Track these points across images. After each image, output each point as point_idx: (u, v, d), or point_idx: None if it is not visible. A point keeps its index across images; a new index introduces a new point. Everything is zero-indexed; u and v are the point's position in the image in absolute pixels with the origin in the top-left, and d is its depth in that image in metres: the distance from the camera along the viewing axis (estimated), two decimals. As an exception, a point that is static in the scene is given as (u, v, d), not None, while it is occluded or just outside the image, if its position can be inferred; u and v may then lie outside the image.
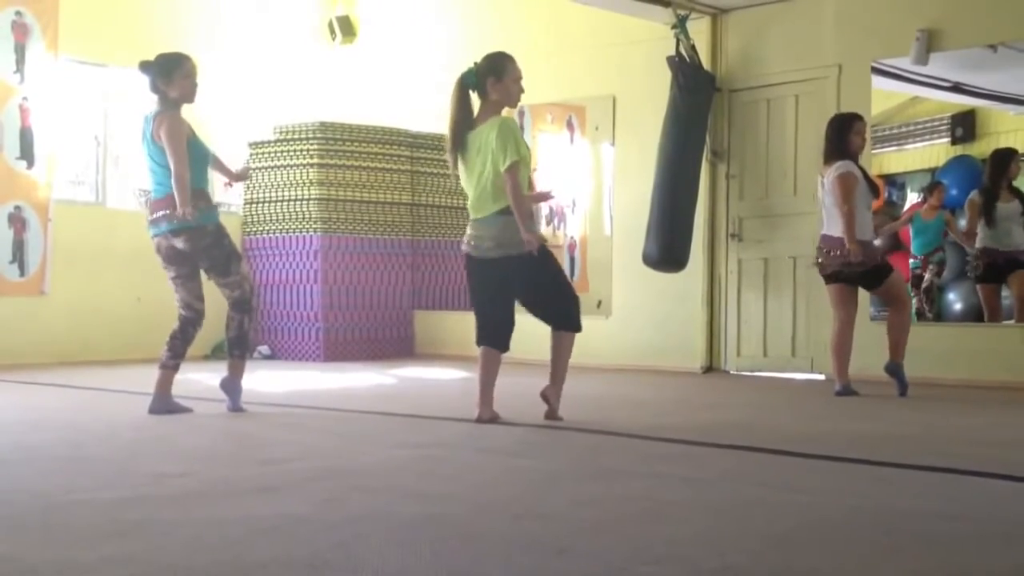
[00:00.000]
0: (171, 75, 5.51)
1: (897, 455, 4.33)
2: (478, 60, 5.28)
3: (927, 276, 9.81)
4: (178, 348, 5.60)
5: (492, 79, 5.21)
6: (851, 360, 6.76)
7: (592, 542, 2.87)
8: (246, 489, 3.62)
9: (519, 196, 5.07)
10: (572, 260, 9.59)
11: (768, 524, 3.11)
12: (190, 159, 5.48)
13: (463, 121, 5.24)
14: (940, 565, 2.68)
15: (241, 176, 6.35)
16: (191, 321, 5.62)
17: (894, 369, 6.73)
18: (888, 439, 4.93)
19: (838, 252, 6.65)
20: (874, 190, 6.78)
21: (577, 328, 5.39)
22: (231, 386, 5.72)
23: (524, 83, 5.30)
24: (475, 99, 5.31)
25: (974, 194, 8.58)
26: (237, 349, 5.70)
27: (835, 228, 6.67)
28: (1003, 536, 2.98)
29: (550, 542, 2.85)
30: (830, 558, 2.74)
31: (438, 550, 2.76)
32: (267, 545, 2.81)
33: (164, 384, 5.59)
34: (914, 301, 9.58)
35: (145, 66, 5.57)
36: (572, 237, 9.58)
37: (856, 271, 6.67)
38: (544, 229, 9.70)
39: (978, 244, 8.52)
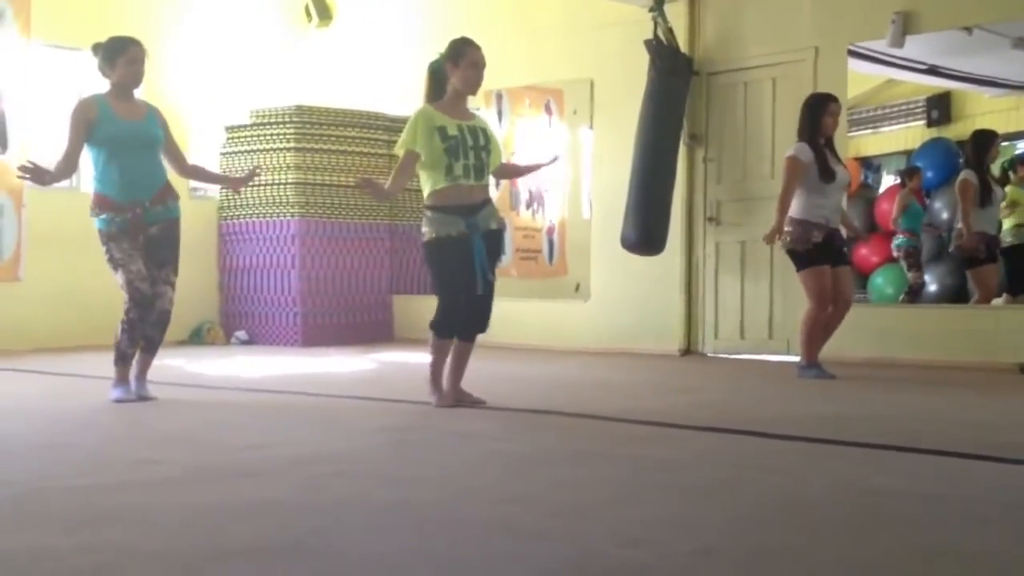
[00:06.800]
0: (114, 60, 5.42)
1: (872, 436, 4.36)
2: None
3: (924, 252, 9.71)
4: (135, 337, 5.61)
5: (450, 65, 5.25)
6: (828, 341, 6.83)
7: (569, 525, 2.88)
8: (224, 475, 3.62)
9: (392, 181, 5.28)
10: (551, 244, 9.59)
11: (744, 505, 3.14)
12: (104, 152, 5.37)
13: None
14: (915, 545, 2.70)
15: (245, 181, 6.05)
16: (128, 308, 5.59)
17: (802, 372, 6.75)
18: (863, 420, 4.97)
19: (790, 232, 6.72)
20: (826, 174, 6.57)
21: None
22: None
23: (502, 67, 5.31)
24: None
25: (969, 175, 8.23)
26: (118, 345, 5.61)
27: (794, 209, 6.71)
28: (978, 517, 3.00)
29: (528, 525, 2.87)
30: (806, 538, 2.77)
31: (417, 534, 2.77)
32: (245, 530, 2.81)
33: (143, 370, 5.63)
34: (910, 276, 9.63)
35: (95, 48, 5.51)
36: (551, 221, 9.57)
37: (791, 248, 6.74)
38: (523, 213, 9.70)
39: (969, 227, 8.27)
